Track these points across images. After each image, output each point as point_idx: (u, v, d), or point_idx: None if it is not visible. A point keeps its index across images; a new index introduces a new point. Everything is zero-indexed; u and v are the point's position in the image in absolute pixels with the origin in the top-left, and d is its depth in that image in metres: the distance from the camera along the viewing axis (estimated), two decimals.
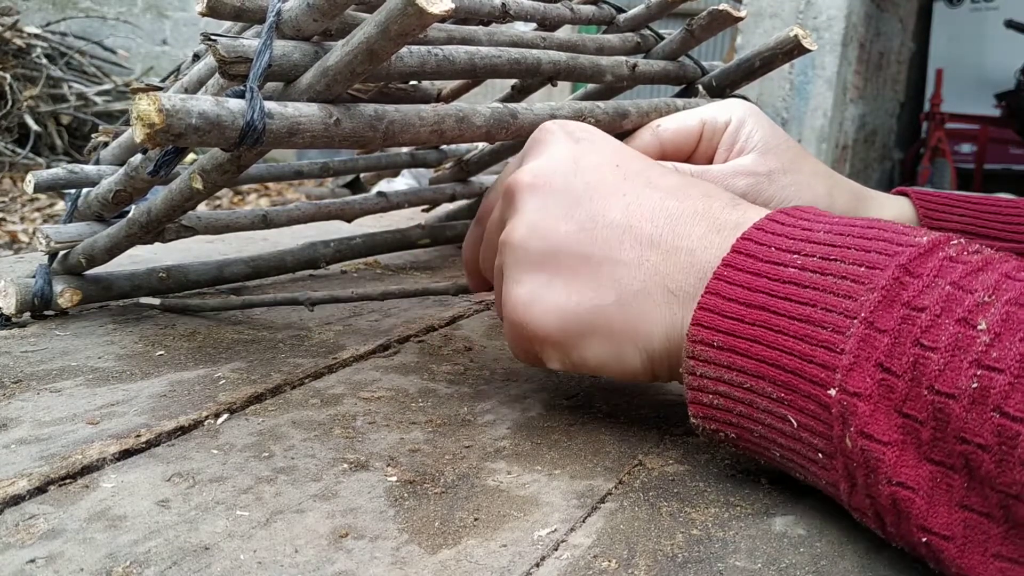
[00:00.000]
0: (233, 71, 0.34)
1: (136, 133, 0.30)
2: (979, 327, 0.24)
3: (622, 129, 0.48)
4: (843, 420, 0.25)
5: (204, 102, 0.31)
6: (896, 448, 0.24)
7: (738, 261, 0.30)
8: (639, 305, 0.32)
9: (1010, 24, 4.01)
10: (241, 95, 0.32)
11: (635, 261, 0.33)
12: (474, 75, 0.42)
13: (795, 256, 0.29)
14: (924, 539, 0.24)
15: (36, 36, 3.57)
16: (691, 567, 0.25)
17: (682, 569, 0.25)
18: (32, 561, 0.24)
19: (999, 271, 0.25)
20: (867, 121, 3.61)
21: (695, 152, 0.47)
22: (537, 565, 0.25)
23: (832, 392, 0.26)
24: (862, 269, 0.27)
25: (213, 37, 0.33)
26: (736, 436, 0.30)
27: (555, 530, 0.27)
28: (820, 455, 0.27)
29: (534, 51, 0.46)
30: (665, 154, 0.47)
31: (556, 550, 0.26)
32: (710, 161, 0.47)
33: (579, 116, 0.45)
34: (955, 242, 0.27)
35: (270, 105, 0.33)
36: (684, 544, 0.27)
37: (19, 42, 3.47)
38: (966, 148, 4.37)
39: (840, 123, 3.13)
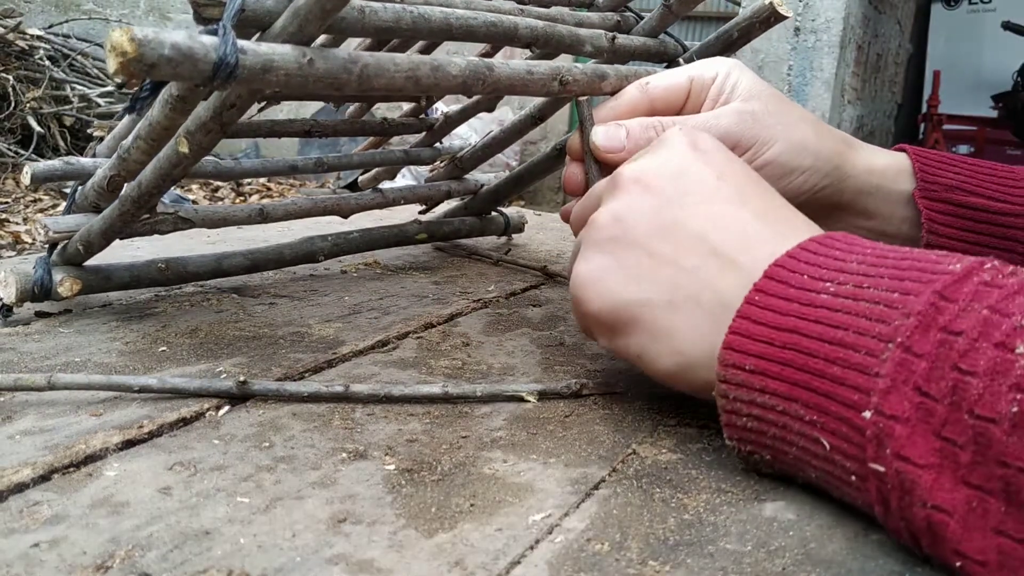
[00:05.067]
0: (207, 14, 0.34)
1: (109, 63, 0.30)
2: (1017, 350, 0.24)
3: (601, 91, 0.47)
4: (878, 442, 0.25)
5: (177, 35, 0.31)
6: (933, 471, 0.24)
7: (769, 287, 0.30)
8: (687, 311, 0.33)
9: (1007, 26, 4.01)
10: (214, 34, 0.32)
11: (695, 268, 0.34)
12: (450, 35, 0.42)
13: (827, 284, 0.29)
14: (958, 563, 0.24)
15: (39, 38, 3.57)
16: (682, 549, 0.26)
17: (673, 552, 0.26)
18: (36, 545, 0.25)
19: None
20: (865, 122, 3.62)
21: (683, 108, 0.47)
22: (532, 548, 0.26)
23: (867, 414, 0.26)
24: (896, 295, 0.27)
25: None
26: (772, 458, 0.30)
27: (549, 515, 0.28)
28: (853, 477, 0.27)
29: (511, 16, 0.46)
30: (654, 110, 0.47)
31: (550, 534, 0.27)
32: None
33: (557, 74, 0.45)
34: (989, 266, 0.27)
35: (243, 43, 0.33)
36: (676, 528, 0.27)
37: (22, 44, 3.48)
38: (963, 149, 4.37)
39: (838, 124, 3.13)
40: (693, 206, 0.35)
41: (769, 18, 0.53)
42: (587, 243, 0.37)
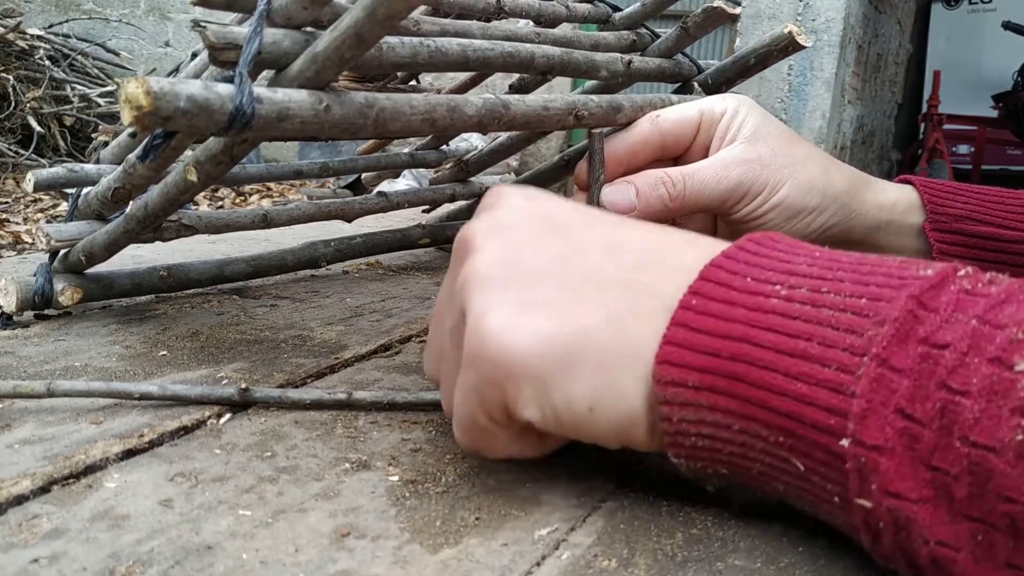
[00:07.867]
0: (223, 57, 0.34)
1: (124, 116, 0.30)
2: (1017, 368, 0.21)
3: (616, 123, 0.48)
4: (861, 476, 0.23)
5: (192, 85, 0.31)
6: (929, 505, 0.22)
7: (707, 289, 0.26)
8: (630, 324, 0.27)
9: (1007, 26, 4.01)
10: (230, 80, 0.32)
11: (622, 281, 0.28)
12: (467, 67, 0.42)
13: (777, 287, 0.26)
14: None
15: (39, 38, 3.57)
16: (691, 566, 0.26)
17: (682, 568, 0.25)
18: (35, 561, 0.24)
19: None
20: (865, 122, 3.61)
21: (694, 141, 0.48)
22: (538, 564, 0.25)
23: (845, 443, 0.23)
24: (863, 301, 0.24)
25: (203, 23, 0.33)
26: (729, 472, 0.27)
27: (556, 529, 0.27)
28: (836, 499, 0.24)
29: (527, 45, 0.46)
30: (664, 144, 0.47)
31: (557, 549, 0.26)
32: (706, 151, 0.47)
33: (572, 108, 0.44)
34: (963, 272, 0.24)
35: (259, 90, 0.32)
36: (684, 543, 0.27)
37: (22, 44, 3.48)
38: (964, 149, 4.38)
39: (838, 124, 3.13)
40: (581, 230, 0.30)
41: (787, 47, 0.53)
42: (474, 297, 0.28)
